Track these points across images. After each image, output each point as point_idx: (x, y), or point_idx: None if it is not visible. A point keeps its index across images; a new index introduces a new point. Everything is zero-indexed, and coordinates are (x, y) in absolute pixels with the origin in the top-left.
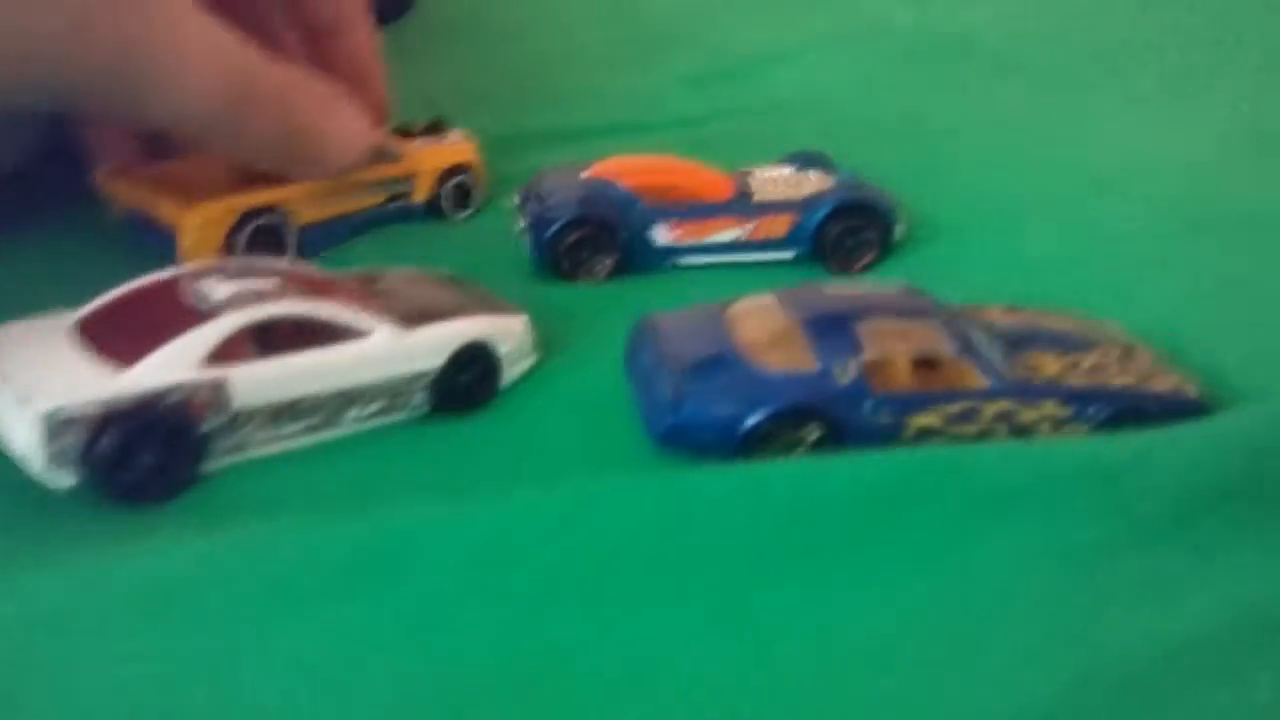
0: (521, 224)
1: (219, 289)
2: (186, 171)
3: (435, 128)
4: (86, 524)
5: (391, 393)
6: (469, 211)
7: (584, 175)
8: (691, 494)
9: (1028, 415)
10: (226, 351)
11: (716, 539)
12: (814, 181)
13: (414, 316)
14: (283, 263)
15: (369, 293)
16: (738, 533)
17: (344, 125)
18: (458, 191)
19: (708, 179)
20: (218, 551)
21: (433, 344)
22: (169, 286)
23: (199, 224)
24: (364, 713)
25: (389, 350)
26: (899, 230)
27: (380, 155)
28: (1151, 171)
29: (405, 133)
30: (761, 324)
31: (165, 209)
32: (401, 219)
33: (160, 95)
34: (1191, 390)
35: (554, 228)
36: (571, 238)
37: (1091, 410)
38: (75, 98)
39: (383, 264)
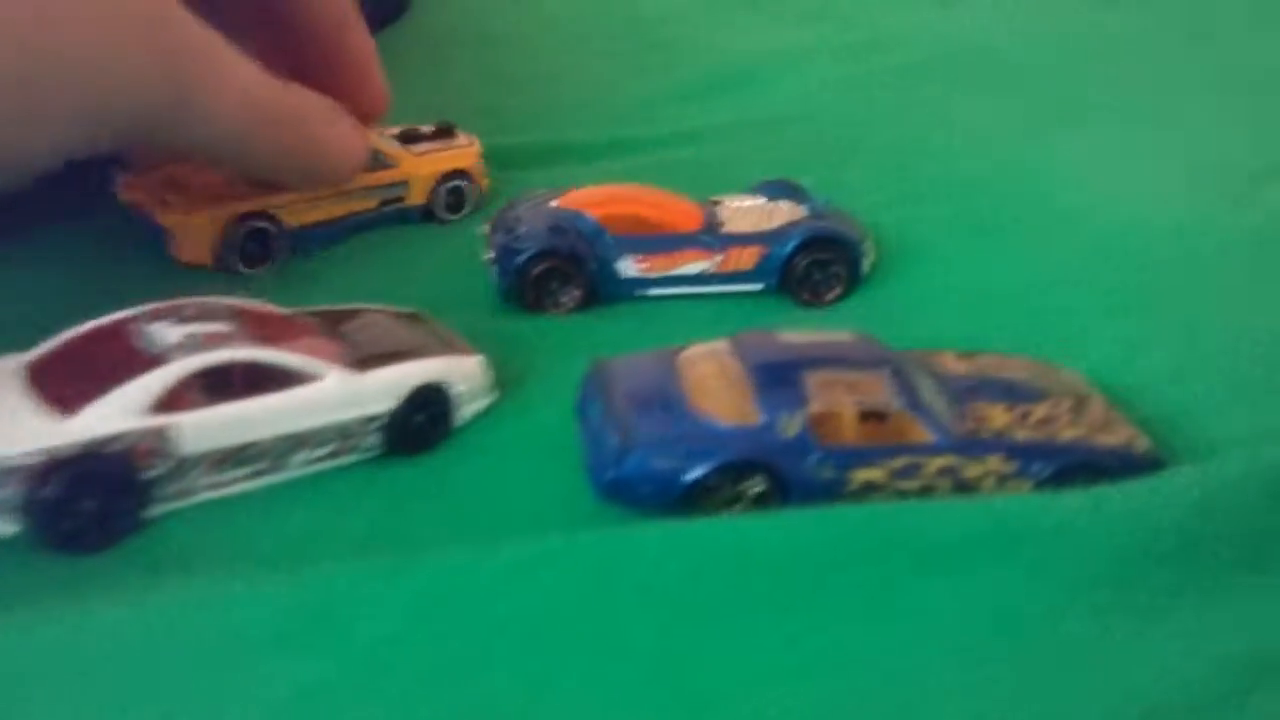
0: (489, 254)
1: (169, 333)
2: (188, 174)
3: (445, 131)
4: (22, 575)
5: (342, 436)
6: (462, 214)
7: (553, 205)
8: (632, 551)
9: (972, 470)
10: (173, 397)
11: (656, 596)
12: (785, 212)
13: (368, 358)
14: (242, 303)
15: (325, 334)
16: (678, 590)
17: (345, 137)
18: (451, 196)
19: (677, 209)
20: (154, 606)
21: (385, 387)
22: (119, 329)
23: (190, 228)
24: None
25: (340, 394)
26: (866, 263)
27: (376, 162)
28: (1133, 201)
29: (413, 136)
30: (710, 372)
31: (162, 212)
32: (397, 221)
33: (200, 125)
34: (1142, 444)
35: (522, 258)
36: (539, 268)
37: (1036, 467)
38: (123, 139)
39: (347, 301)
